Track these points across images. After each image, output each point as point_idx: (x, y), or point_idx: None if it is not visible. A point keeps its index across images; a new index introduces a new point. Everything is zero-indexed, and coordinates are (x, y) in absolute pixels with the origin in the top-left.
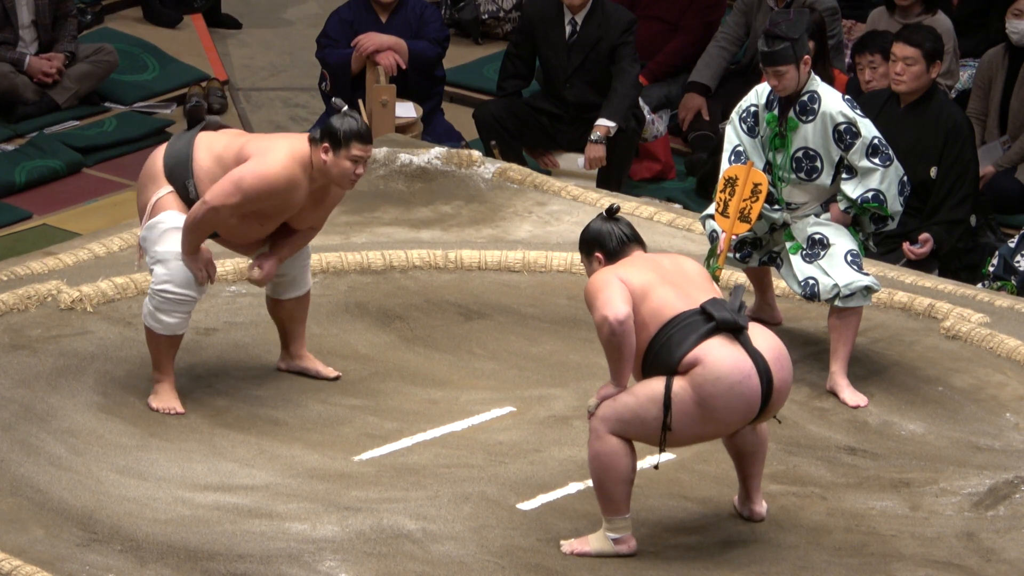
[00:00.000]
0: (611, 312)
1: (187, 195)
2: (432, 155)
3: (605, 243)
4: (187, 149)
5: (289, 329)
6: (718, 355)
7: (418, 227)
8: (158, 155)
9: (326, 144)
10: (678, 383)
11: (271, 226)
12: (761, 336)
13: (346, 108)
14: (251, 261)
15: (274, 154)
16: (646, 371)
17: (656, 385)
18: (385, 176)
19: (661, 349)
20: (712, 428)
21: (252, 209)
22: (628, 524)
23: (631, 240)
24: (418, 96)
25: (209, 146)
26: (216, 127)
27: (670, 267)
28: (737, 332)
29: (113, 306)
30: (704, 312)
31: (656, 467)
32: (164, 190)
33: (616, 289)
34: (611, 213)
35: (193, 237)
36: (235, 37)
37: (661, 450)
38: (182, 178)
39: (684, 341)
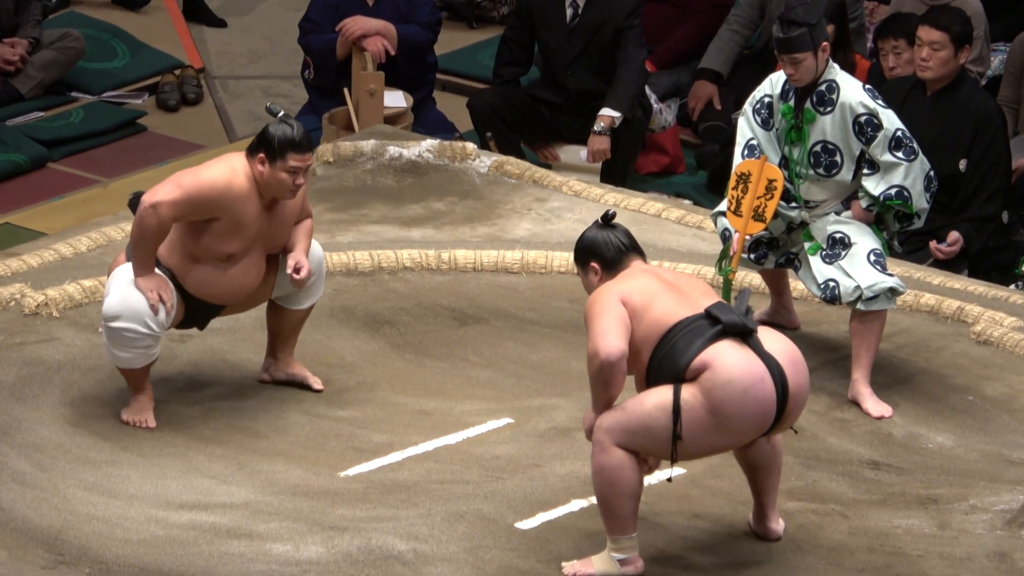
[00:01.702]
0: (604, 348)
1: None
2: (423, 148)
3: (602, 252)
4: None
5: (285, 338)
6: (728, 359)
7: (409, 225)
8: (121, 255)
9: (261, 155)
10: (687, 390)
11: (235, 245)
12: (772, 339)
13: (282, 114)
14: (288, 269)
15: (213, 163)
16: (650, 382)
17: (664, 393)
18: (373, 170)
19: (665, 357)
20: (726, 438)
21: (199, 217)
22: (634, 544)
23: (629, 249)
24: (408, 84)
25: None
26: None
27: (671, 278)
28: (746, 335)
29: (81, 311)
30: (709, 316)
31: (670, 480)
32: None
33: (615, 318)
34: (607, 220)
35: (141, 249)
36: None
37: (673, 462)
38: None
39: (690, 346)
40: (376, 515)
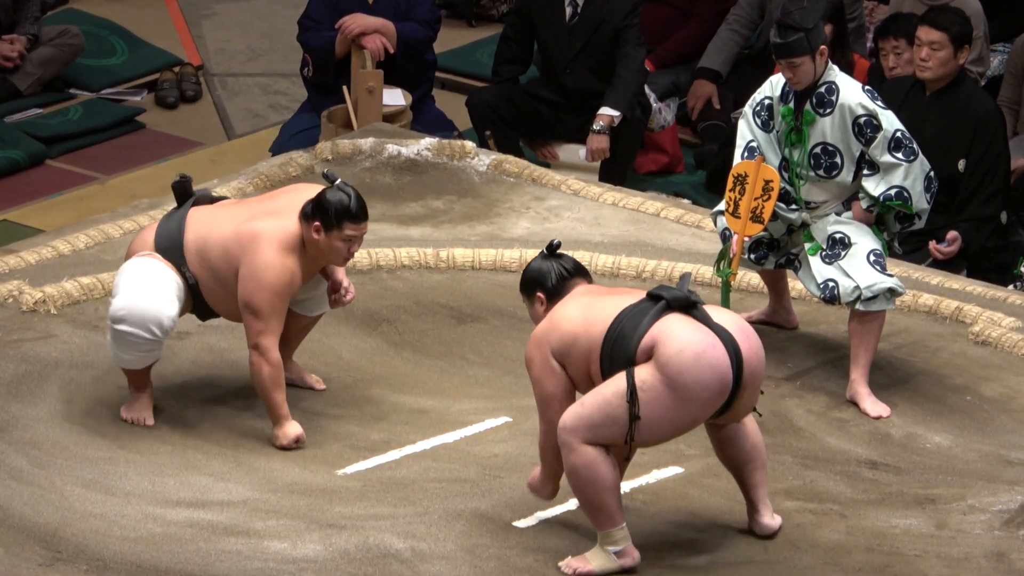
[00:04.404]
0: (555, 424)
1: (185, 280)
2: (422, 146)
3: (544, 282)
4: (179, 230)
5: (288, 340)
6: (676, 330)
7: (407, 223)
8: (147, 233)
9: (317, 223)
10: (642, 370)
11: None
12: (719, 313)
13: (339, 181)
14: (336, 291)
15: (262, 259)
16: (606, 375)
17: (620, 380)
18: (372, 169)
19: (615, 345)
20: (689, 411)
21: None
22: (626, 534)
23: (572, 275)
24: (407, 82)
25: (196, 228)
26: (209, 200)
27: (610, 290)
28: (690, 308)
29: (79, 308)
30: (651, 297)
31: (627, 459)
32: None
33: (555, 385)
34: (552, 250)
35: (271, 399)
36: (210, 18)
37: (627, 442)
38: (176, 262)
39: (636, 328)
40: (374, 513)
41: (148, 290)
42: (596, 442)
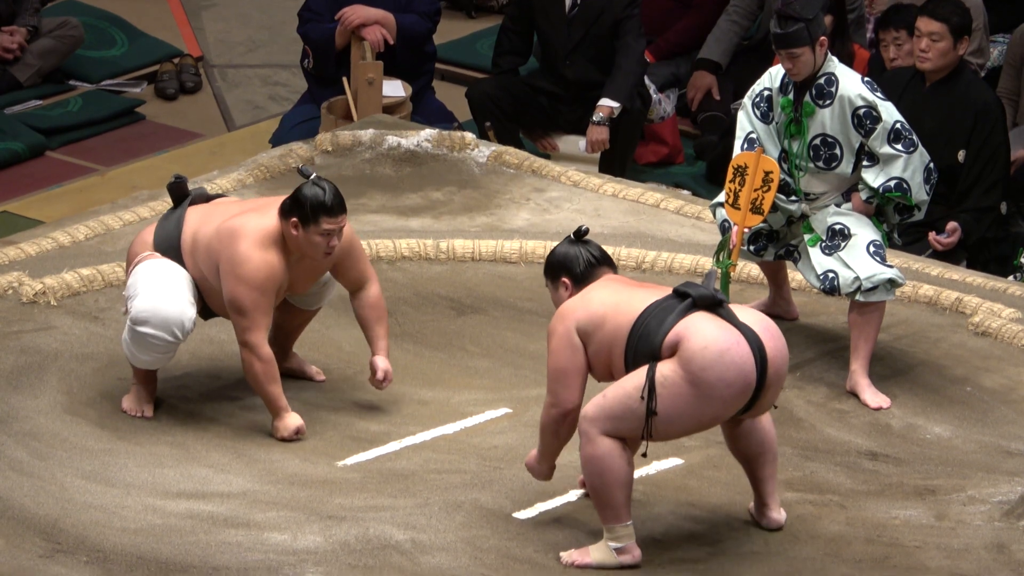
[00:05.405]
0: (562, 398)
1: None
2: (422, 137)
3: (572, 267)
4: (176, 231)
5: (288, 333)
6: (701, 327)
7: (407, 215)
8: (147, 234)
9: (294, 219)
10: (665, 366)
11: (278, 300)
12: (744, 312)
13: (313, 176)
14: (371, 377)
15: (239, 254)
16: (630, 369)
17: (642, 373)
18: (372, 160)
19: (640, 340)
20: (710, 408)
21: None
22: (630, 532)
23: (600, 263)
24: (407, 74)
25: (190, 228)
26: (205, 199)
27: (638, 284)
28: (716, 306)
29: (79, 299)
30: (678, 293)
31: (644, 455)
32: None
33: (571, 365)
34: (579, 235)
35: (265, 392)
36: (210, 10)
37: (645, 437)
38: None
39: (662, 324)
40: (374, 504)
41: (169, 293)
42: (616, 434)
